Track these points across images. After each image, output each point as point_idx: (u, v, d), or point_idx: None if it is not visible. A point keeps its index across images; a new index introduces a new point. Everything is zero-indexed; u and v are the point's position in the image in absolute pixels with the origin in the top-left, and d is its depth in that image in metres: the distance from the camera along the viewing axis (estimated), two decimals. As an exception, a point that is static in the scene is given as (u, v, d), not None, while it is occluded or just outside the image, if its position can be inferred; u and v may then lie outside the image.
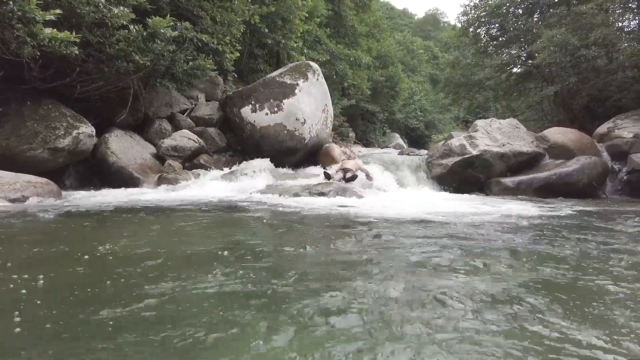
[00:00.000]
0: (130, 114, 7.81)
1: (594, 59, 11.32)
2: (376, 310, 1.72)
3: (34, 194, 4.87)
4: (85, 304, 1.73)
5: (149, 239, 3.08)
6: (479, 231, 3.60)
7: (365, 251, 2.79)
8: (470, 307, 1.76)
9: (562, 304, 1.83)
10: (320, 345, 1.40)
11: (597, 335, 1.53)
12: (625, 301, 1.90)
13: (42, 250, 2.62)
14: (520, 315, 1.70)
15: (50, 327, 1.51)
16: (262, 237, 3.32)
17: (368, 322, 1.60)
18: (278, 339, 1.44)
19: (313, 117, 9.41)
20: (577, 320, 1.67)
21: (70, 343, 1.39)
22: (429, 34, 54.19)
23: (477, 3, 16.14)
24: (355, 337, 1.47)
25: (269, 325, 1.55)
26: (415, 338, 1.47)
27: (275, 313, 1.67)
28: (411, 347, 1.40)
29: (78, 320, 1.58)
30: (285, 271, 2.25)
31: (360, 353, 1.36)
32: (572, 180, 7.49)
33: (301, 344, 1.41)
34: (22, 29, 4.99)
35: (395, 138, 27.62)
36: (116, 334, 1.45)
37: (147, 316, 1.62)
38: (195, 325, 1.53)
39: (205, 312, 1.66)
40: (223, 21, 8.67)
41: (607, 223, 4.34)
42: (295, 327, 1.54)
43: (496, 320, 1.64)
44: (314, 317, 1.63)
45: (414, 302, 1.81)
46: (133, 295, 1.82)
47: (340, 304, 1.77)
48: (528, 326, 1.59)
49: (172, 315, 1.63)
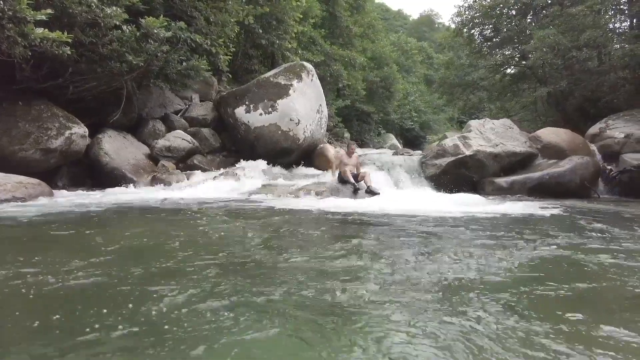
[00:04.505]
0: (124, 115, 7.76)
1: (585, 60, 11.41)
2: (369, 310, 1.73)
3: (24, 194, 4.84)
4: (64, 307, 1.72)
5: (138, 239, 3.07)
6: (469, 229, 3.61)
7: (357, 252, 2.79)
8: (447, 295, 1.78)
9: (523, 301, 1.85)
10: (315, 347, 1.40)
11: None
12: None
13: (26, 250, 2.60)
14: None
15: (35, 325, 1.50)
16: (255, 238, 3.31)
17: (361, 323, 1.61)
18: (267, 341, 1.44)
19: (307, 118, 9.40)
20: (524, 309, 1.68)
21: (57, 343, 1.39)
22: (423, 35, 54.31)
23: (471, 4, 16.20)
24: (348, 336, 1.48)
25: (259, 327, 1.55)
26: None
27: (265, 315, 1.67)
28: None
29: (65, 319, 1.57)
30: (277, 272, 2.25)
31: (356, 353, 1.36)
32: (564, 180, 7.54)
33: (292, 345, 1.41)
34: (13, 29, 4.96)
35: (390, 139, 27.62)
36: (102, 338, 1.45)
37: (133, 318, 1.61)
38: (184, 328, 1.53)
39: (194, 313, 1.66)
40: (217, 22, 8.65)
41: (592, 223, 4.37)
42: (287, 327, 1.54)
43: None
44: (305, 318, 1.63)
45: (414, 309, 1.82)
46: (118, 297, 1.81)
47: (331, 304, 1.77)
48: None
49: (159, 317, 1.63)
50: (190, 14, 8.23)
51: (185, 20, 7.75)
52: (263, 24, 12.08)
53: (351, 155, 7.09)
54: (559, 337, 1.49)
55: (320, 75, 11.35)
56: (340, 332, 1.50)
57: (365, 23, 23.51)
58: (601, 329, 1.57)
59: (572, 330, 1.56)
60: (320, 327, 1.54)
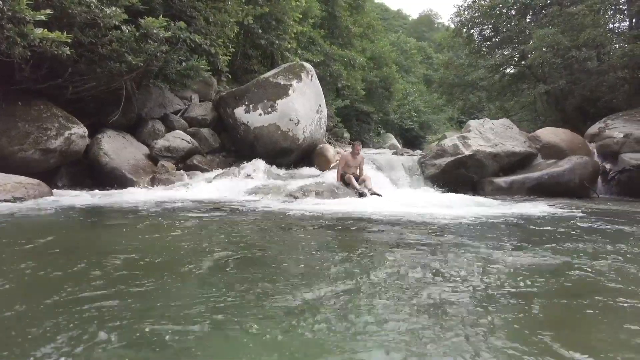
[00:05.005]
0: (123, 115, 7.76)
1: (584, 60, 11.42)
2: (364, 310, 1.73)
3: (24, 194, 4.84)
4: (64, 302, 1.72)
5: (137, 240, 3.07)
6: (469, 230, 3.62)
7: (355, 253, 2.80)
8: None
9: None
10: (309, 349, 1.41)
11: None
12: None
13: (26, 249, 2.60)
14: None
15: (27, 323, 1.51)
16: (253, 239, 3.31)
17: (357, 324, 1.61)
18: (264, 342, 1.45)
19: (307, 118, 9.41)
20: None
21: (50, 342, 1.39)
22: (423, 35, 54.34)
23: (470, 4, 16.21)
24: (345, 337, 1.48)
25: (256, 327, 1.56)
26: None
27: (260, 315, 1.67)
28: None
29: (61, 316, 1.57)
30: (274, 272, 2.25)
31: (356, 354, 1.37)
32: (563, 180, 7.55)
33: (288, 346, 1.42)
34: (12, 29, 4.95)
35: (389, 139, 27.65)
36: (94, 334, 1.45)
37: (127, 319, 1.62)
38: (179, 329, 1.53)
39: (188, 315, 1.66)
40: (216, 22, 8.65)
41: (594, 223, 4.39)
42: (282, 328, 1.55)
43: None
44: (301, 318, 1.64)
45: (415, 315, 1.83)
46: (111, 298, 1.82)
47: (326, 306, 1.78)
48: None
49: (154, 318, 1.63)
50: (190, 14, 8.23)
51: (185, 20, 7.75)
52: (262, 24, 12.08)
53: (356, 156, 7.05)
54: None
55: (319, 75, 11.35)
56: (342, 336, 1.51)
57: (365, 23, 23.52)
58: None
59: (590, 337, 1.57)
60: (321, 331, 1.55)
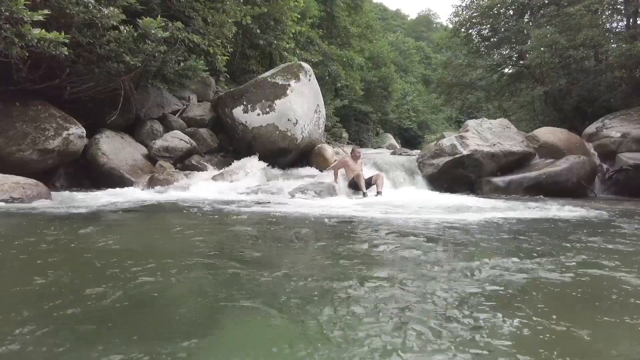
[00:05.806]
0: (121, 115, 7.75)
1: (582, 59, 11.45)
2: (359, 310, 1.74)
3: (22, 195, 4.84)
4: (60, 304, 1.73)
5: (134, 240, 3.08)
6: (471, 232, 3.63)
7: (356, 253, 2.81)
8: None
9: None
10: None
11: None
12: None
13: (20, 248, 2.61)
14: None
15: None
16: (250, 239, 3.32)
17: (355, 324, 1.62)
18: (258, 341, 1.46)
19: (305, 118, 9.41)
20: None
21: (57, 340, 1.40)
22: (421, 35, 54.44)
23: (468, 4, 16.25)
24: (342, 336, 1.49)
25: (252, 326, 1.57)
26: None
27: (257, 315, 1.68)
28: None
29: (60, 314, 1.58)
30: (271, 272, 2.26)
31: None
32: (561, 180, 7.58)
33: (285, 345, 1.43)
34: (10, 29, 4.96)
35: (388, 138, 27.67)
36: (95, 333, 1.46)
37: (124, 320, 1.62)
38: (175, 329, 1.54)
39: (185, 316, 1.67)
40: (215, 22, 8.65)
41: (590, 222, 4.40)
42: (279, 328, 1.56)
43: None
44: (301, 318, 1.65)
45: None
46: (108, 298, 1.83)
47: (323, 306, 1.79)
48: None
49: (151, 318, 1.64)
50: (188, 15, 8.24)
51: (183, 20, 7.76)
52: (261, 24, 12.08)
53: (357, 160, 7.25)
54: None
55: (318, 75, 11.35)
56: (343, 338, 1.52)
57: (363, 23, 23.53)
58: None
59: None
60: (321, 335, 1.56)
